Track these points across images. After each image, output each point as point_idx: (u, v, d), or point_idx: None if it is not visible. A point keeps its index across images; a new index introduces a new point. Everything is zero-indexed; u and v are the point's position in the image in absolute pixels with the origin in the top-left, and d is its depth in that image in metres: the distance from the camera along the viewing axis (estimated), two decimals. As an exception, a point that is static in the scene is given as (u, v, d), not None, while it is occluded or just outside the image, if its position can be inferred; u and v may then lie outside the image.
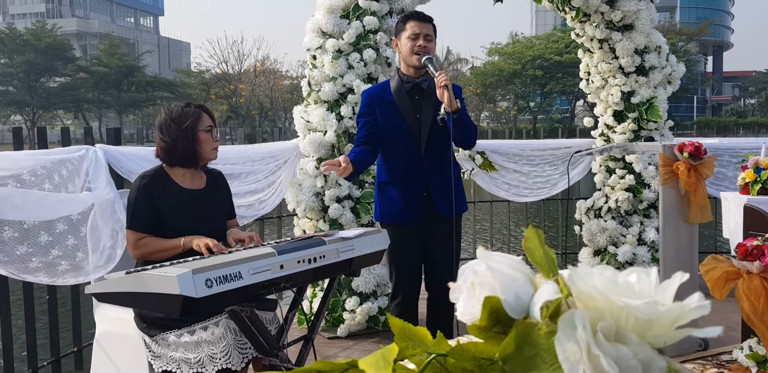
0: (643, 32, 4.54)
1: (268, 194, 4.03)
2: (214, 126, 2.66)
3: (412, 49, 2.98)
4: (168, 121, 2.57)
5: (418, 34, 2.98)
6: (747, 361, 3.01)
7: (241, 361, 2.32)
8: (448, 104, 2.82)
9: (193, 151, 2.57)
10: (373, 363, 0.51)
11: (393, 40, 3.14)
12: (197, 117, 2.57)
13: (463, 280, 0.58)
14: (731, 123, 50.04)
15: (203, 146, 2.59)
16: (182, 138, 2.54)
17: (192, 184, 2.64)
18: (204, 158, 2.63)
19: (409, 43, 2.99)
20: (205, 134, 2.58)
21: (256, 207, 3.96)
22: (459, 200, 3.09)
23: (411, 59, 3.00)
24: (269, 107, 45.43)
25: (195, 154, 2.58)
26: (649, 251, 4.62)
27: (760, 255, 2.65)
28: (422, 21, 3.02)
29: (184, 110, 2.58)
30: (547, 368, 0.49)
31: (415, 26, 3.00)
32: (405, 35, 3.01)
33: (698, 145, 3.36)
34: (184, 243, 2.47)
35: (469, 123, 2.98)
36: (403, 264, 3.08)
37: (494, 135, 27.47)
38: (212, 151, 2.63)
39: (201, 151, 2.59)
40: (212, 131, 2.63)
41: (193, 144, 2.56)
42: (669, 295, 0.50)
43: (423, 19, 3.03)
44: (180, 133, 2.54)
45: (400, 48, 3.06)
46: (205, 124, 2.59)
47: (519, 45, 44.87)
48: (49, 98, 43.65)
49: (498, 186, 4.88)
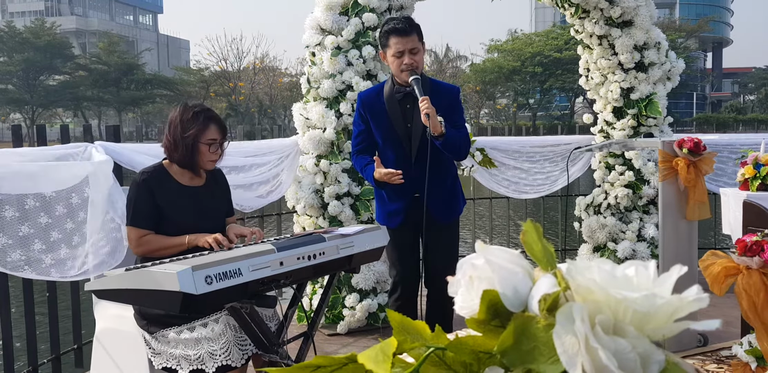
0: (643, 28, 4.53)
1: (275, 186, 4.04)
2: (223, 139, 2.62)
3: (399, 68, 2.93)
4: (177, 121, 2.56)
5: (402, 52, 2.92)
6: (746, 356, 3.01)
7: (241, 357, 2.32)
8: (433, 129, 2.81)
9: (189, 158, 2.56)
10: (372, 357, 0.52)
11: (379, 53, 3.08)
12: (203, 128, 2.54)
13: (461, 273, 0.58)
14: (731, 119, 50.00)
15: (201, 157, 2.57)
16: (182, 143, 2.54)
17: (191, 182, 2.65)
18: (199, 167, 2.62)
19: (396, 61, 2.93)
20: (205, 147, 2.56)
21: (263, 196, 3.97)
22: (454, 204, 3.10)
23: (400, 76, 2.96)
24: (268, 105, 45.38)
25: (191, 161, 2.58)
26: (648, 247, 4.63)
27: (760, 251, 2.65)
28: (404, 35, 2.92)
29: (193, 117, 2.55)
30: (545, 361, 0.49)
31: (398, 43, 2.92)
32: (390, 52, 2.95)
33: (698, 142, 3.36)
34: (189, 241, 2.47)
35: (457, 140, 2.93)
36: (402, 261, 3.10)
37: (493, 132, 27.48)
38: (209, 162, 2.61)
39: (198, 160, 2.58)
40: (215, 145, 2.59)
41: (192, 152, 2.55)
42: (667, 287, 0.50)
43: (404, 33, 2.92)
44: (182, 138, 2.53)
45: (387, 63, 3.02)
46: (209, 136, 2.56)
47: (518, 42, 44.79)
48: (48, 96, 43.58)
49: (498, 183, 4.87)
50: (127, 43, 59.70)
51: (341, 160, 3.98)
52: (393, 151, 3.03)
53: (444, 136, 2.85)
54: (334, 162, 3.98)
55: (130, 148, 3.28)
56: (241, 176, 3.78)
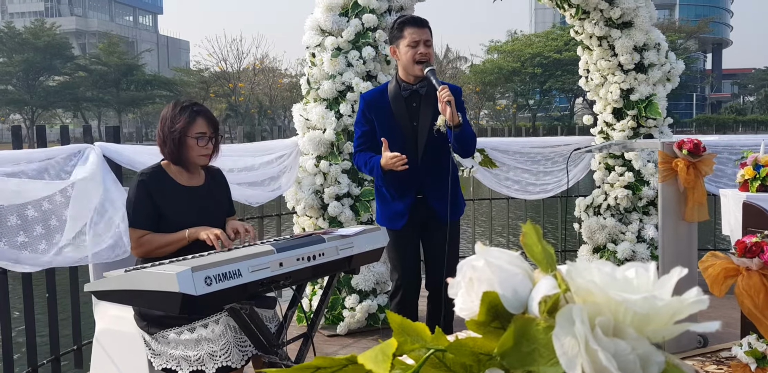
0: (643, 30, 4.53)
1: (275, 187, 4.04)
2: (213, 133, 2.58)
3: (413, 58, 2.91)
4: (166, 116, 2.56)
5: (418, 42, 2.90)
6: (746, 357, 3.01)
7: (240, 358, 2.32)
8: (450, 119, 2.79)
9: (179, 154, 2.55)
10: (372, 358, 0.52)
11: (390, 48, 3.04)
12: (190, 122, 2.52)
13: (461, 275, 0.58)
14: (730, 120, 50.04)
15: (190, 152, 2.55)
16: (170, 138, 2.53)
17: (190, 182, 2.64)
18: (191, 163, 2.60)
19: (410, 51, 2.91)
20: (193, 140, 2.53)
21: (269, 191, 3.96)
22: (456, 204, 3.09)
23: (413, 69, 2.93)
24: (268, 105, 45.40)
25: (181, 157, 2.56)
26: (648, 249, 4.63)
27: (759, 252, 2.65)
28: (420, 26, 2.93)
29: (181, 111, 2.54)
30: (545, 362, 0.49)
31: (413, 33, 2.91)
32: (404, 43, 2.93)
33: (697, 143, 3.36)
34: (189, 235, 2.47)
35: (469, 133, 2.94)
36: (402, 263, 3.08)
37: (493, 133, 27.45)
38: (200, 157, 2.58)
39: (188, 155, 2.56)
40: (204, 139, 2.55)
41: (180, 147, 2.54)
42: (667, 289, 0.50)
43: (420, 24, 2.94)
44: (170, 132, 2.52)
45: (399, 56, 2.97)
46: (196, 130, 2.53)
47: (518, 43, 44.85)
48: (48, 97, 43.59)
49: (499, 182, 4.87)
50: (127, 44, 59.68)
51: (341, 161, 3.98)
52: (399, 150, 3.00)
53: (461, 127, 2.84)
54: (334, 163, 3.98)
55: (130, 149, 3.28)
56: (243, 174, 3.77)
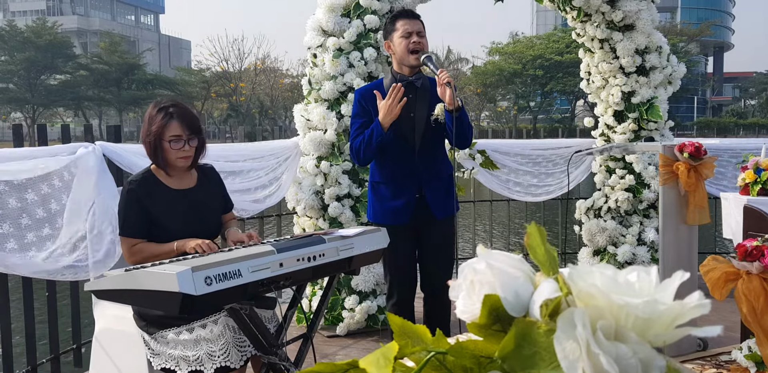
0: (644, 32, 4.54)
1: (272, 191, 4.03)
2: (191, 135, 2.49)
3: (407, 48, 2.93)
4: (146, 118, 2.52)
5: (411, 32, 2.93)
6: (746, 361, 3.01)
7: (239, 359, 2.32)
8: (450, 102, 2.80)
9: (154, 156, 2.51)
10: (373, 362, 0.52)
11: (385, 43, 3.06)
12: (164, 125, 2.45)
13: (463, 278, 0.58)
14: (731, 124, 50.07)
15: (167, 155, 2.49)
16: (148, 142, 2.49)
17: (181, 184, 2.59)
18: (171, 165, 2.54)
19: (404, 41, 2.94)
20: (167, 144, 2.47)
21: (260, 201, 3.96)
22: (450, 200, 3.07)
23: (408, 59, 2.95)
24: (269, 106, 45.43)
25: (158, 159, 2.51)
26: (648, 251, 4.63)
27: (760, 256, 2.65)
28: (411, 18, 2.98)
29: (157, 113, 2.47)
30: (546, 366, 0.49)
31: (405, 24, 2.95)
32: (397, 35, 2.96)
33: (698, 146, 3.36)
34: (177, 247, 2.44)
35: (467, 121, 2.95)
36: (397, 264, 3.04)
37: (494, 135, 27.51)
38: (179, 160, 2.50)
39: (166, 158, 2.50)
40: (179, 141, 2.47)
41: (155, 149, 2.49)
42: (669, 294, 0.50)
43: (412, 16, 2.99)
44: (146, 135, 2.49)
45: (393, 49, 2.99)
46: (170, 133, 2.46)
47: (520, 45, 44.87)
48: (49, 96, 43.63)
49: (501, 183, 4.87)
50: (129, 43, 59.75)
51: (342, 161, 3.98)
52: (395, 142, 2.98)
53: (460, 110, 2.85)
54: (334, 163, 3.98)
55: (130, 150, 3.28)
56: (238, 181, 3.76)
